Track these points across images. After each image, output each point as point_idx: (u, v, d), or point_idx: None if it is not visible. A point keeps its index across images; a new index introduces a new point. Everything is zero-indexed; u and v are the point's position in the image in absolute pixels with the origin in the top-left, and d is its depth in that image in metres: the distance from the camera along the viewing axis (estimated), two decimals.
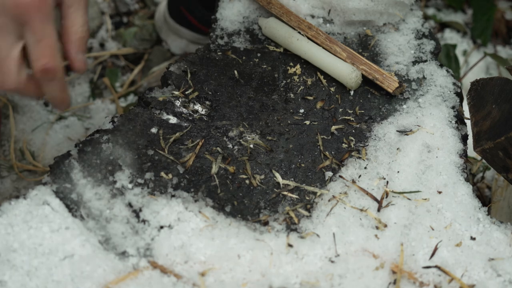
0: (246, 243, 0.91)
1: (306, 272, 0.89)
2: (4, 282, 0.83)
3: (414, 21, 1.20)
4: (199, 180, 0.98)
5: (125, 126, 1.01)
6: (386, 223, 0.94)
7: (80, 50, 0.91)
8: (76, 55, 0.91)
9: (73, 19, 0.90)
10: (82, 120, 1.55)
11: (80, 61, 0.92)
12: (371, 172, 1.00)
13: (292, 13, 1.17)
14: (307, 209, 0.96)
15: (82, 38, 0.91)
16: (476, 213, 0.96)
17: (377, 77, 1.10)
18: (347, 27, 1.19)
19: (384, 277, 0.88)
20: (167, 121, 1.04)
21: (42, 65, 0.85)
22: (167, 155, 1.00)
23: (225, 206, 0.96)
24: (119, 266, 0.87)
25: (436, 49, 1.17)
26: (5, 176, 1.42)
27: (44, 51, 0.85)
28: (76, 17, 0.90)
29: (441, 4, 1.99)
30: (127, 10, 1.88)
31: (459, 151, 1.03)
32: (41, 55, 0.85)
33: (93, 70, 1.70)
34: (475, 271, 0.90)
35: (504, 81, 1.01)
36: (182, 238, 0.90)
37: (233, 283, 0.87)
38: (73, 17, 0.90)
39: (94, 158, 0.96)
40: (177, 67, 1.10)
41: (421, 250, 0.92)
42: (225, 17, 1.19)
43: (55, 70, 0.86)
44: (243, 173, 0.99)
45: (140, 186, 0.96)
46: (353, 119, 1.07)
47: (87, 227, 0.91)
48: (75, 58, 0.91)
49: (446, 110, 1.07)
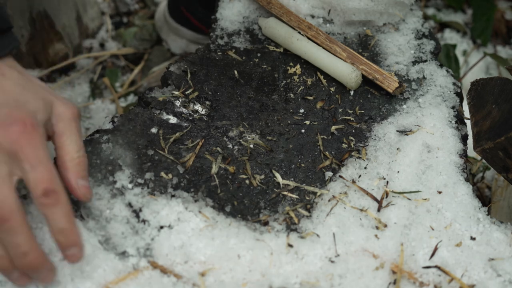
0: (246, 243, 0.91)
1: (306, 272, 0.89)
2: (4, 282, 0.84)
3: (414, 21, 1.20)
4: (199, 180, 0.98)
5: (125, 126, 1.01)
6: (386, 223, 0.94)
7: (79, 176, 0.86)
8: (76, 183, 0.86)
9: (67, 147, 0.86)
10: (82, 120, 1.55)
11: (82, 187, 0.86)
12: (371, 172, 1.00)
13: (292, 13, 1.17)
14: (307, 209, 0.96)
15: (79, 163, 0.86)
16: (476, 213, 0.96)
17: (377, 77, 1.10)
18: (347, 27, 1.19)
19: (384, 277, 0.88)
20: (167, 121, 1.04)
21: (42, 189, 0.80)
22: (167, 155, 1.00)
23: (225, 206, 0.96)
24: (119, 266, 0.87)
25: (436, 49, 1.17)
26: None
27: (42, 175, 0.80)
28: (70, 144, 0.87)
29: (441, 4, 1.99)
30: (127, 10, 1.89)
31: (459, 151, 1.03)
32: (39, 180, 0.80)
33: (93, 70, 1.70)
34: (475, 271, 0.90)
35: (504, 81, 1.01)
36: (182, 238, 0.90)
37: (233, 283, 0.87)
38: (67, 145, 0.86)
39: (94, 158, 0.96)
40: (177, 67, 1.10)
41: (421, 250, 0.92)
42: (225, 17, 1.19)
43: (56, 191, 0.81)
44: (243, 173, 0.99)
45: (140, 186, 0.96)
46: (353, 119, 1.07)
47: (87, 227, 0.91)
48: (77, 186, 0.86)
49: (446, 110, 1.07)
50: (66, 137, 0.87)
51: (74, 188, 0.86)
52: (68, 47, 1.65)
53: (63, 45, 1.63)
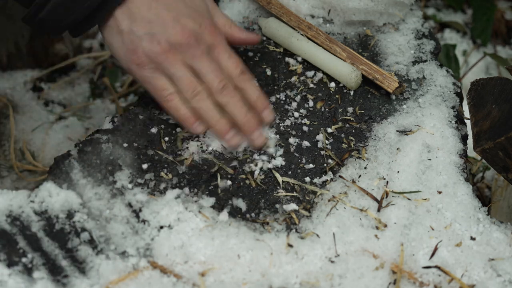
0: (246, 243, 0.91)
1: (306, 272, 0.89)
2: (4, 282, 0.84)
3: (414, 21, 1.20)
4: (199, 180, 0.98)
5: (125, 126, 1.01)
6: (386, 223, 0.94)
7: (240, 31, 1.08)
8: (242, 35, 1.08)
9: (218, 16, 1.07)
10: (82, 120, 1.55)
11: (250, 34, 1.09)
12: (371, 172, 1.00)
13: (292, 13, 1.17)
14: (307, 209, 0.96)
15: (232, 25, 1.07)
16: (476, 213, 0.96)
17: (377, 77, 1.10)
18: (347, 27, 1.19)
19: (384, 277, 0.88)
20: (167, 121, 1.04)
21: (240, 70, 1.02)
22: (167, 155, 1.00)
23: (225, 206, 0.96)
24: (119, 266, 0.87)
25: (436, 49, 1.17)
26: (5, 176, 1.42)
27: (237, 61, 1.03)
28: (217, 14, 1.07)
29: (441, 4, 1.99)
30: None
31: (459, 151, 1.03)
32: (235, 64, 1.02)
33: (93, 70, 1.70)
34: (475, 271, 0.90)
35: (504, 81, 1.01)
36: (182, 238, 0.90)
37: (233, 283, 0.87)
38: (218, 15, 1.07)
39: (94, 158, 0.96)
40: None
41: (421, 250, 0.92)
42: None
43: (247, 71, 1.04)
44: (243, 173, 0.99)
45: (140, 186, 0.96)
46: (353, 119, 1.07)
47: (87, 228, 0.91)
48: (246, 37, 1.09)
49: (446, 110, 1.07)
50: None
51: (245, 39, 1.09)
52: (68, 47, 1.65)
53: (63, 45, 1.63)
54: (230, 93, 1.02)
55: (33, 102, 1.56)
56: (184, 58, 1.00)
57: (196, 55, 1.00)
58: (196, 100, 1.01)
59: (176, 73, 1.00)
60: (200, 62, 1.00)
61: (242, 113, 1.02)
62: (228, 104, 1.01)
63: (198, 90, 1.01)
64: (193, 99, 1.01)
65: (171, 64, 0.99)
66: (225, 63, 1.02)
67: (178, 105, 1.01)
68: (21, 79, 1.59)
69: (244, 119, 1.02)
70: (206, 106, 1.01)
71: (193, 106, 1.01)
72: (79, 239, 0.89)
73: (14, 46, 1.56)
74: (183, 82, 1.00)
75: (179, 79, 1.00)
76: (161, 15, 0.99)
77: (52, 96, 1.60)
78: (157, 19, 0.98)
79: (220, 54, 1.02)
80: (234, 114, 1.02)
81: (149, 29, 0.98)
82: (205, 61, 1.01)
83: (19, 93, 1.56)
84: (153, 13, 0.99)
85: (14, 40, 1.55)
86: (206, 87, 1.01)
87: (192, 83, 1.00)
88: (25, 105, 1.54)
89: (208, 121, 1.02)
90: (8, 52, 1.57)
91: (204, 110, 1.01)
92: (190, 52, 1.00)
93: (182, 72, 1.00)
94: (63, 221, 0.90)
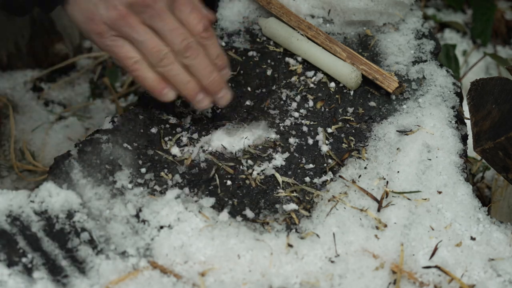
0: (246, 243, 0.91)
1: (306, 272, 0.89)
2: (4, 282, 0.84)
3: (414, 21, 1.20)
4: (199, 180, 0.98)
5: (125, 126, 1.01)
6: (386, 223, 0.94)
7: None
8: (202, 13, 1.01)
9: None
10: (82, 120, 1.55)
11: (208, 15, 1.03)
12: (371, 172, 1.00)
13: (292, 13, 1.17)
14: (307, 209, 0.96)
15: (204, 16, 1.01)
16: (476, 213, 0.96)
17: (377, 77, 1.10)
18: (347, 27, 1.19)
19: (384, 277, 0.88)
20: (167, 121, 1.04)
21: (202, 26, 0.97)
22: (167, 155, 0.99)
23: (225, 206, 0.96)
24: (119, 266, 0.87)
25: (436, 49, 1.17)
26: (5, 176, 1.42)
27: (201, 15, 0.98)
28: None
29: (441, 4, 1.99)
30: None
31: (459, 151, 1.03)
32: (198, 20, 0.97)
33: (93, 70, 1.70)
34: (475, 271, 0.90)
35: (504, 81, 1.01)
36: (182, 238, 0.90)
37: (233, 283, 0.87)
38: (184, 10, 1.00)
39: (94, 158, 0.96)
40: None
41: (421, 250, 0.92)
42: (225, 17, 1.19)
43: (211, 28, 0.99)
44: (243, 173, 0.99)
45: (140, 186, 0.96)
46: (353, 119, 1.07)
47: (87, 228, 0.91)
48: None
49: (446, 110, 1.07)
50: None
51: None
52: (69, 47, 1.65)
53: (63, 45, 1.63)
54: (193, 53, 0.97)
55: (33, 102, 1.56)
56: (144, 19, 0.95)
57: (155, 14, 0.95)
58: (162, 65, 0.97)
59: (138, 38, 0.95)
60: (160, 21, 0.95)
61: (206, 75, 0.99)
62: (191, 66, 0.98)
63: (164, 53, 0.96)
64: (159, 63, 0.97)
65: (132, 28, 0.95)
66: (187, 18, 0.97)
67: (144, 74, 0.97)
68: (21, 79, 1.59)
69: (208, 81, 0.99)
70: (172, 70, 0.98)
71: (159, 71, 0.98)
72: (79, 239, 0.89)
73: (14, 46, 1.56)
74: (146, 46, 0.96)
75: (142, 44, 0.96)
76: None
77: (52, 96, 1.60)
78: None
79: (182, 8, 0.97)
80: (199, 77, 0.99)
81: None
82: (166, 19, 0.95)
83: (19, 93, 1.56)
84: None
85: (14, 40, 1.55)
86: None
87: (156, 47, 0.96)
88: (25, 105, 1.54)
89: (176, 85, 0.99)
90: (8, 52, 1.57)
91: (171, 74, 0.98)
92: (149, 11, 0.94)
93: (144, 36, 0.95)
94: (63, 221, 0.90)
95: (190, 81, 0.99)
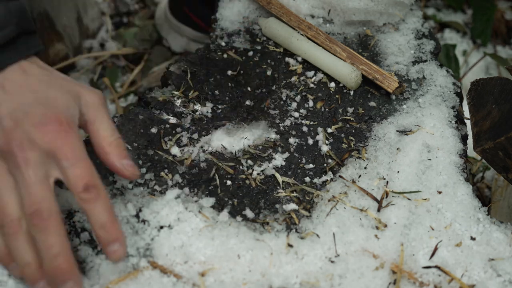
0: (246, 243, 0.91)
1: (306, 272, 0.89)
2: (4, 282, 0.84)
3: (414, 21, 1.20)
4: (199, 180, 0.98)
5: (125, 126, 1.01)
6: (386, 223, 0.94)
7: (122, 157, 0.85)
8: (121, 164, 0.85)
9: (102, 132, 0.85)
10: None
11: (128, 166, 0.85)
12: (371, 172, 1.00)
13: (292, 13, 1.17)
14: (307, 209, 0.96)
15: (118, 145, 0.85)
16: (476, 213, 0.96)
17: (377, 77, 1.10)
18: (347, 27, 1.19)
19: (384, 277, 0.88)
20: (167, 121, 1.04)
21: (83, 185, 0.79)
22: (167, 155, 1.00)
23: (225, 206, 0.96)
24: (119, 266, 0.87)
25: (436, 49, 1.17)
26: None
27: (81, 171, 0.80)
28: (104, 129, 0.85)
29: (441, 4, 1.99)
30: (127, 10, 1.89)
31: (459, 151, 1.03)
32: (79, 177, 0.80)
33: (93, 70, 1.70)
34: (475, 271, 0.90)
35: (504, 81, 1.01)
36: (182, 238, 0.90)
37: (233, 283, 0.87)
38: (102, 130, 0.85)
39: (94, 158, 0.96)
40: (177, 67, 1.10)
41: (421, 250, 0.92)
42: (225, 17, 1.19)
43: (96, 186, 0.80)
44: (243, 173, 0.99)
45: (140, 186, 0.96)
46: (353, 119, 1.07)
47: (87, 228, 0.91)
48: (123, 167, 0.85)
49: (446, 110, 1.07)
50: (98, 123, 0.86)
51: (121, 169, 0.85)
52: (69, 47, 1.65)
53: (63, 45, 1.63)
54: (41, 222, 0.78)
55: None
56: (10, 168, 0.79)
57: (17, 164, 0.78)
58: (2, 232, 0.79)
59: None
60: (20, 173, 0.78)
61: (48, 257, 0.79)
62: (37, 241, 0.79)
63: (9, 220, 0.78)
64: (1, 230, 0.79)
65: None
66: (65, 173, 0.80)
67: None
68: None
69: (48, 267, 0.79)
70: (12, 243, 0.79)
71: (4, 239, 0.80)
72: (79, 239, 0.89)
73: None
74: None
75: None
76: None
77: None
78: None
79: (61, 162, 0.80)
80: (41, 257, 0.79)
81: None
82: (26, 171, 0.78)
83: None
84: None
85: None
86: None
87: (3, 208, 0.78)
88: None
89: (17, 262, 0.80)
90: None
91: (11, 247, 0.79)
92: (13, 159, 0.78)
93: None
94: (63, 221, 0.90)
95: (29, 264, 0.79)
